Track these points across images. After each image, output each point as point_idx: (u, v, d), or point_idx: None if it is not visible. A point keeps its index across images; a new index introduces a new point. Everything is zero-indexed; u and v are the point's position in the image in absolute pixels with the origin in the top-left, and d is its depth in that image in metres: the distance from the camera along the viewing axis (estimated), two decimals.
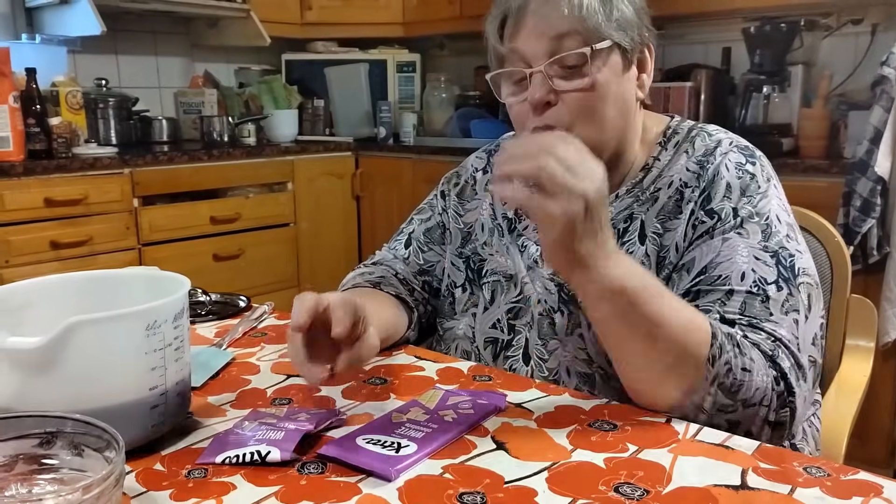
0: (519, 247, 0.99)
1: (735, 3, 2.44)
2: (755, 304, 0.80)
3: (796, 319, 0.80)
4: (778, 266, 0.82)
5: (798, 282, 0.82)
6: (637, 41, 0.88)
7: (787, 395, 0.77)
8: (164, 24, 3.19)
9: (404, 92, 3.42)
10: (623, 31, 0.86)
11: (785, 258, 0.83)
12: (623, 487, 0.61)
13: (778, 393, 0.76)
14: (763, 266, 0.82)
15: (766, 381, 0.76)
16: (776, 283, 0.81)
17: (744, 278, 0.82)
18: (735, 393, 0.75)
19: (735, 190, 0.87)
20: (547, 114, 0.87)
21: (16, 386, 0.63)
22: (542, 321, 0.95)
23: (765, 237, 0.84)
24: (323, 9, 3.33)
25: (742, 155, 0.90)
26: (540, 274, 0.96)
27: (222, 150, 2.82)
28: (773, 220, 0.85)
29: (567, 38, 0.84)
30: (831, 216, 1.96)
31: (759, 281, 0.81)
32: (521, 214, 1.01)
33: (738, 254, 0.83)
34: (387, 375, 0.87)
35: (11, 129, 2.32)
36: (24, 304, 0.72)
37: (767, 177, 0.89)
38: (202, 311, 1.14)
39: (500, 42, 0.89)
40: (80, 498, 0.49)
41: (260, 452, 0.65)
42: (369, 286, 1.01)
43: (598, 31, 0.84)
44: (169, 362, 0.67)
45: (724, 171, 0.89)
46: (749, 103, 2.45)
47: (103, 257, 2.46)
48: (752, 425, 0.77)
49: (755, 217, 0.85)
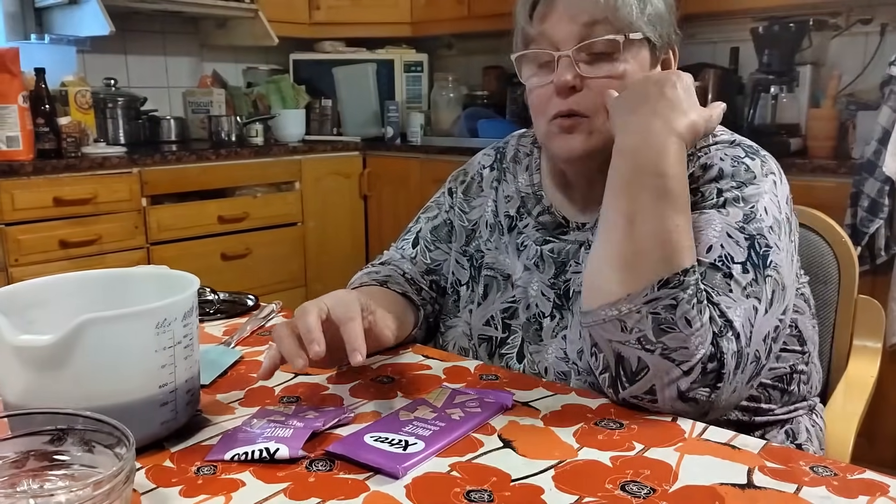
0: (518, 246, 0.99)
1: (744, 3, 2.44)
2: (716, 277, 0.77)
3: (755, 307, 0.77)
4: (750, 250, 0.79)
5: (766, 273, 0.79)
6: (665, 39, 0.88)
7: (714, 378, 0.74)
8: (173, 24, 3.21)
9: (412, 92, 3.42)
10: (654, 26, 0.86)
11: (760, 245, 0.80)
12: (629, 486, 0.61)
13: (706, 369, 0.73)
14: (734, 245, 0.79)
15: (699, 349, 0.73)
16: (743, 265, 0.78)
17: (710, 250, 0.79)
18: (662, 332, 0.73)
19: (726, 175, 0.84)
20: (571, 98, 0.87)
21: (27, 383, 0.63)
22: (529, 326, 0.95)
23: (745, 220, 0.81)
24: (331, 8, 3.33)
25: (743, 150, 0.88)
26: (538, 277, 0.96)
27: (230, 150, 2.83)
28: (759, 209, 0.82)
29: (598, 26, 0.84)
30: (839, 217, 1.96)
31: (726, 257, 0.78)
32: (523, 213, 1.01)
33: (712, 227, 0.80)
34: (394, 374, 0.88)
35: (21, 128, 2.34)
36: (36, 302, 0.73)
37: (767, 172, 0.86)
38: (210, 309, 1.15)
39: (530, 23, 0.88)
40: (91, 494, 0.50)
41: (268, 449, 0.65)
42: (376, 285, 1.02)
43: (630, 23, 0.85)
44: (178, 360, 0.68)
45: (717, 161, 0.86)
46: (757, 103, 2.45)
47: (112, 256, 2.48)
48: (657, 382, 0.74)
49: (740, 202, 0.82)
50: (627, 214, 0.77)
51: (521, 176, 1.03)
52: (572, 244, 0.95)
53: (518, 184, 1.03)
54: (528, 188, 1.01)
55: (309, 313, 0.74)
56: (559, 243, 0.96)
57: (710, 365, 0.74)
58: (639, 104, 0.80)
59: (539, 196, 1.00)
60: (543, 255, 0.96)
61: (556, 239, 0.96)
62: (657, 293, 0.73)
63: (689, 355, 0.73)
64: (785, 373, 0.92)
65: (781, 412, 0.92)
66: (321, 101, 3.35)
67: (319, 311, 0.74)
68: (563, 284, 0.94)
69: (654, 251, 0.75)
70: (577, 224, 0.96)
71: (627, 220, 0.76)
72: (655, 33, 0.87)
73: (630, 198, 0.77)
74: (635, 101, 0.80)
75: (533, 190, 1.01)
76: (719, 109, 0.84)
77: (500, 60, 3.41)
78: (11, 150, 2.33)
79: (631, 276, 0.75)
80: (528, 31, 0.89)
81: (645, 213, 0.76)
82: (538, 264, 0.96)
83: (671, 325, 0.73)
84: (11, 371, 0.64)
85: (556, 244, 0.96)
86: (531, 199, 1.00)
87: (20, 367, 0.63)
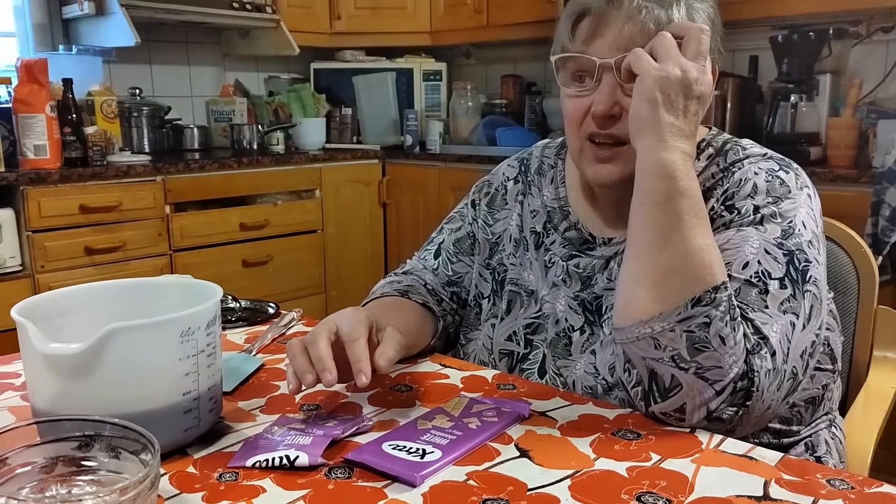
0: (546, 263, 0.99)
1: (763, 12, 2.43)
2: (751, 293, 0.77)
3: (793, 323, 0.77)
4: (789, 265, 0.79)
5: (805, 288, 0.79)
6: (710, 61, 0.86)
7: (743, 396, 0.73)
8: (197, 35, 3.25)
9: (431, 100, 3.44)
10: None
11: (799, 260, 0.79)
12: (645, 496, 0.62)
13: (735, 388, 0.73)
14: (772, 261, 0.79)
15: (733, 368, 0.73)
16: (780, 281, 0.78)
17: (746, 267, 0.79)
18: (696, 351, 0.73)
19: (761, 191, 0.84)
20: (611, 126, 0.86)
21: (56, 390, 0.65)
22: (558, 341, 0.95)
23: (783, 235, 0.81)
24: (351, 18, 3.36)
25: (776, 164, 0.88)
26: (565, 292, 0.96)
27: (252, 158, 2.87)
28: (797, 223, 0.82)
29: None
30: (859, 226, 1.94)
31: (762, 273, 0.78)
32: (550, 229, 1.01)
33: (749, 244, 0.80)
34: (412, 383, 0.89)
35: (48, 137, 2.38)
36: (64, 311, 0.75)
37: (801, 185, 0.86)
38: (232, 317, 1.16)
39: (571, 40, 0.86)
40: (117, 499, 0.51)
41: (289, 457, 0.66)
42: (397, 294, 1.03)
43: None
44: (202, 368, 0.69)
45: (751, 175, 0.86)
46: (776, 112, 2.43)
47: (136, 263, 2.52)
48: (689, 400, 0.74)
49: (777, 217, 0.82)
50: (658, 233, 0.77)
51: (547, 189, 1.03)
52: (598, 259, 0.95)
53: (544, 197, 1.03)
54: (553, 202, 1.01)
55: (320, 338, 0.76)
56: (585, 258, 0.96)
57: (741, 384, 0.73)
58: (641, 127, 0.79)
59: (566, 212, 1.00)
60: (569, 270, 0.96)
61: (582, 254, 0.96)
62: (690, 311, 0.73)
63: (722, 374, 0.73)
64: (818, 394, 0.91)
65: (806, 431, 0.92)
66: (341, 110, 3.38)
67: (329, 333, 0.77)
68: (591, 298, 0.94)
69: (685, 270, 0.75)
70: (604, 240, 0.95)
71: (659, 238, 0.77)
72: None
73: (660, 217, 0.77)
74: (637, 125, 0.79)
75: (559, 205, 1.01)
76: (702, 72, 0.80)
77: (518, 69, 3.42)
78: (39, 159, 2.37)
79: (663, 294, 0.75)
80: (569, 48, 0.86)
81: (676, 231, 0.76)
82: (565, 280, 0.96)
83: (705, 344, 0.73)
84: (41, 378, 0.66)
85: (582, 259, 0.96)
86: (557, 215, 1.00)
87: (49, 375, 0.65)
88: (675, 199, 0.76)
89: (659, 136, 0.78)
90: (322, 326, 0.78)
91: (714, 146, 0.93)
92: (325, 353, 0.75)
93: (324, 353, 0.75)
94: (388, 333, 0.81)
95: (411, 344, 0.95)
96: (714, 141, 0.94)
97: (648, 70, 0.78)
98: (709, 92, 0.80)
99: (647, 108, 0.78)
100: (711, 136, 0.95)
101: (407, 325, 0.94)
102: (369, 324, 0.79)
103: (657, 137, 0.78)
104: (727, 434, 0.74)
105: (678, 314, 0.74)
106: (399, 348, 0.80)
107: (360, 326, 0.78)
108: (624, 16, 0.82)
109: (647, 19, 0.82)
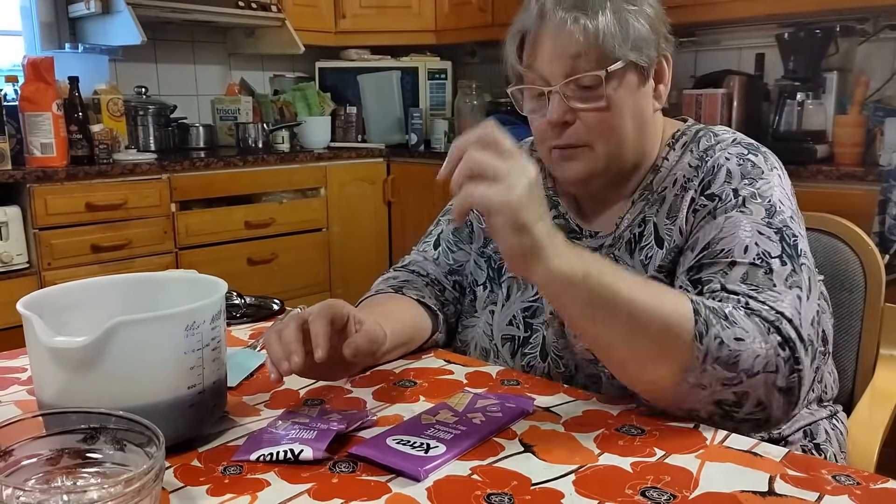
0: None
1: (769, 9, 2.42)
2: (758, 275, 0.79)
3: (799, 296, 0.79)
4: (782, 242, 0.82)
5: (801, 262, 0.82)
6: (653, 56, 0.90)
7: (793, 361, 0.74)
8: (203, 34, 3.26)
9: (435, 99, 3.44)
10: (639, 50, 0.87)
11: (789, 236, 0.83)
12: (650, 492, 0.62)
13: (784, 358, 0.74)
14: (767, 241, 0.82)
15: (767, 347, 0.73)
16: (780, 258, 0.81)
17: (747, 251, 0.81)
18: (734, 365, 0.73)
19: (735, 175, 0.88)
20: (566, 133, 0.90)
21: (62, 383, 0.65)
22: (554, 321, 0.96)
23: (769, 214, 0.84)
24: (356, 17, 3.37)
25: (745, 148, 0.91)
26: None
27: (257, 157, 2.87)
28: (775, 202, 0.85)
29: (582, 59, 0.86)
30: (866, 224, 1.93)
31: (763, 254, 0.81)
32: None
33: (742, 228, 0.83)
34: (416, 378, 0.89)
35: (55, 135, 2.39)
36: (70, 304, 0.75)
37: (771, 167, 0.90)
38: (237, 313, 1.17)
39: (519, 62, 0.92)
40: (122, 491, 0.51)
41: (293, 451, 0.66)
42: (392, 291, 1.03)
43: (614, 54, 0.86)
44: (206, 362, 0.69)
45: (723, 161, 0.89)
46: (783, 110, 2.43)
47: (141, 260, 2.52)
48: (761, 394, 0.74)
49: (757, 198, 0.85)
50: (620, 320, 0.72)
51: None
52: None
53: None
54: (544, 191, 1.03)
55: (290, 325, 0.78)
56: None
57: (784, 353, 0.74)
58: (527, 259, 0.70)
59: (555, 201, 1.02)
60: None
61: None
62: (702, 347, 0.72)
63: (766, 357, 0.73)
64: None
65: (803, 419, 0.92)
66: (346, 109, 3.38)
67: (300, 319, 0.79)
68: None
69: (660, 323, 0.72)
70: (591, 232, 0.98)
71: (625, 324, 0.72)
72: (641, 56, 0.88)
73: (603, 311, 0.72)
74: (520, 263, 0.71)
75: (548, 194, 1.02)
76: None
77: None
78: (45, 157, 2.38)
79: (666, 356, 0.73)
80: (518, 69, 0.92)
81: (625, 308, 0.72)
82: None
83: (733, 356, 0.72)
84: (47, 371, 0.66)
85: None
86: (548, 202, 1.01)
87: (55, 368, 0.65)
88: (602, 286, 0.71)
89: (544, 255, 0.69)
90: (295, 314, 0.80)
91: (687, 135, 0.97)
92: (293, 338, 0.76)
93: (292, 337, 0.76)
94: (366, 326, 0.83)
95: (405, 340, 0.96)
96: (688, 131, 0.97)
97: (491, 201, 0.67)
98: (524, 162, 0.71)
99: (517, 238, 0.68)
100: (686, 126, 0.99)
101: (399, 322, 0.95)
102: (343, 313, 0.81)
103: (544, 258, 0.69)
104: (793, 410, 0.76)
105: (698, 358, 0.72)
106: (371, 340, 0.82)
107: (326, 309, 0.79)
108: (554, 28, 0.87)
109: (575, 29, 0.86)
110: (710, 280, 0.82)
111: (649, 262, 0.91)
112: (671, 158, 0.95)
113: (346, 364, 0.83)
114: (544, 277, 0.71)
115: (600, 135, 0.89)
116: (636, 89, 0.89)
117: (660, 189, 0.93)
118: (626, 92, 0.88)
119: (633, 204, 0.95)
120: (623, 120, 0.89)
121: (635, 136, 0.91)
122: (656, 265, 0.90)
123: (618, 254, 0.94)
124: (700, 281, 0.82)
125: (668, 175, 0.94)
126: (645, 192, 0.95)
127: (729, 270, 0.81)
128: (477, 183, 0.67)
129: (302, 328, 0.78)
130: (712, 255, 0.83)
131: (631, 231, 0.94)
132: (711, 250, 0.84)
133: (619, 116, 0.89)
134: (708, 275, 0.82)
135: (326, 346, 0.76)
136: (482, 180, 0.67)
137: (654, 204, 0.93)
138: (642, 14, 0.88)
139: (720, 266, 0.82)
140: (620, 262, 0.93)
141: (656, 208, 0.93)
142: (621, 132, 0.90)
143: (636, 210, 0.95)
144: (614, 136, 0.90)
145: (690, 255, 0.86)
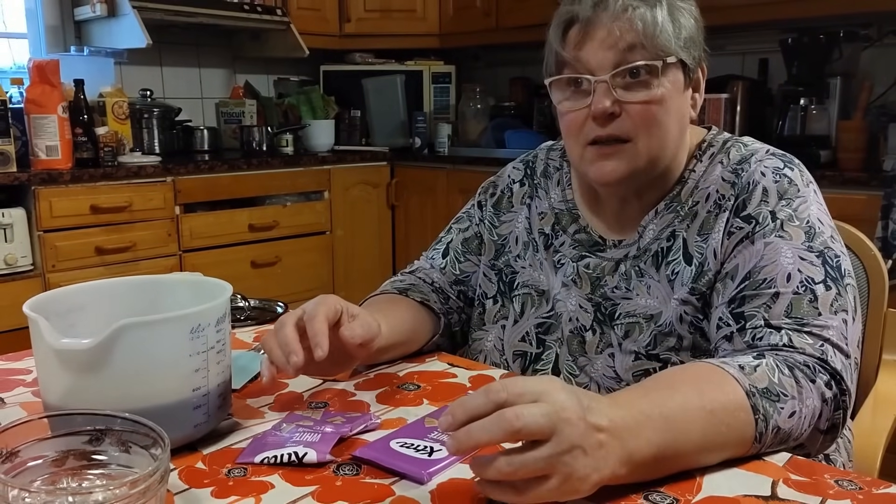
0: (555, 263, 0.99)
1: (772, 15, 2.42)
2: (802, 305, 0.78)
3: (845, 320, 0.78)
4: (825, 266, 0.81)
5: (845, 282, 0.81)
6: (697, 60, 0.89)
7: (839, 395, 0.74)
8: (207, 37, 3.27)
9: (439, 103, 3.45)
10: (688, 49, 0.87)
11: (831, 258, 0.81)
12: (653, 496, 0.62)
13: (832, 396, 0.73)
14: (809, 266, 0.80)
15: (816, 398, 0.72)
16: (824, 283, 0.79)
17: (790, 279, 0.80)
18: (788, 438, 0.71)
19: (772, 194, 0.86)
20: (611, 125, 0.87)
21: (68, 385, 0.66)
22: (573, 339, 0.95)
23: (808, 238, 0.82)
24: (361, 21, 3.38)
25: (780, 160, 0.89)
26: (576, 292, 0.96)
27: (261, 160, 2.88)
28: (814, 222, 0.84)
29: (635, 51, 0.85)
30: (869, 230, 1.93)
31: (806, 281, 0.79)
32: (558, 230, 1.01)
33: (783, 255, 0.81)
34: (420, 381, 0.89)
35: (60, 138, 2.40)
36: (76, 307, 0.75)
37: (807, 182, 0.88)
38: (241, 316, 1.17)
39: (563, 47, 0.88)
40: (127, 492, 0.52)
41: (297, 453, 0.67)
42: (395, 292, 1.03)
43: (667, 47, 0.85)
44: (211, 364, 0.70)
45: (759, 177, 0.87)
46: (786, 115, 2.43)
47: (145, 263, 2.53)
48: (804, 440, 0.73)
49: (795, 220, 0.84)
50: (697, 451, 0.66)
51: (554, 191, 1.04)
52: (608, 261, 0.95)
53: (551, 200, 1.03)
54: (561, 204, 1.02)
55: (286, 325, 0.78)
56: (595, 259, 0.96)
57: (831, 392, 0.73)
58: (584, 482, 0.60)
59: (575, 214, 1.00)
60: (580, 271, 0.97)
61: (592, 255, 0.97)
62: (763, 445, 0.70)
63: (814, 410, 0.72)
64: None
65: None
66: (350, 112, 3.39)
67: (296, 318, 0.79)
68: (602, 300, 0.94)
69: (727, 440, 0.67)
70: (614, 241, 0.96)
71: (700, 453, 0.67)
72: (689, 56, 0.87)
73: (683, 453, 0.65)
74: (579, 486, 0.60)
75: (567, 207, 1.01)
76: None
77: (526, 72, 3.42)
78: (51, 159, 2.39)
79: (733, 452, 0.68)
80: (562, 55, 0.88)
81: (698, 446, 0.66)
82: (575, 280, 0.97)
83: (788, 432, 0.71)
84: (53, 373, 0.67)
85: (592, 259, 0.96)
86: (566, 217, 1.01)
87: (61, 370, 0.65)
88: (671, 441, 0.64)
89: (622, 459, 0.61)
90: (289, 314, 0.80)
91: (715, 146, 0.95)
92: (290, 338, 0.77)
93: (290, 336, 0.77)
94: (360, 316, 0.83)
95: (403, 339, 0.95)
96: (714, 140, 0.96)
97: (529, 426, 0.57)
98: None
99: (597, 482, 0.59)
100: (711, 135, 0.97)
101: (398, 320, 0.94)
102: (337, 308, 0.81)
103: (624, 460, 0.61)
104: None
105: (755, 449, 0.69)
106: (366, 327, 0.82)
107: (321, 307, 0.79)
108: (611, 16, 0.85)
109: (635, 17, 0.84)
110: (753, 315, 0.80)
111: (675, 277, 0.89)
112: (698, 170, 0.93)
113: (344, 360, 0.84)
114: (629, 465, 0.61)
115: (646, 129, 0.86)
116: (681, 90, 0.88)
117: (690, 203, 0.91)
118: (674, 89, 0.87)
119: (657, 214, 0.93)
120: (669, 116, 0.87)
121: (675, 137, 0.89)
122: (683, 282, 0.88)
123: (643, 266, 0.92)
124: (743, 315, 0.81)
125: (698, 188, 0.91)
126: (673, 204, 0.92)
127: (773, 303, 0.79)
128: (530, 486, 0.57)
129: (298, 326, 0.78)
130: (754, 286, 0.82)
131: (658, 244, 0.92)
132: (753, 280, 0.82)
133: (666, 113, 0.86)
134: (751, 309, 0.81)
135: (326, 345, 0.76)
136: (533, 481, 0.57)
137: (686, 219, 0.91)
138: (691, 14, 0.88)
139: (763, 299, 0.80)
140: (645, 276, 0.91)
141: (687, 223, 0.91)
142: (666, 129, 0.87)
143: (663, 222, 0.92)
144: (658, 132, 0.87)
145: (731, 284, 0.84)
